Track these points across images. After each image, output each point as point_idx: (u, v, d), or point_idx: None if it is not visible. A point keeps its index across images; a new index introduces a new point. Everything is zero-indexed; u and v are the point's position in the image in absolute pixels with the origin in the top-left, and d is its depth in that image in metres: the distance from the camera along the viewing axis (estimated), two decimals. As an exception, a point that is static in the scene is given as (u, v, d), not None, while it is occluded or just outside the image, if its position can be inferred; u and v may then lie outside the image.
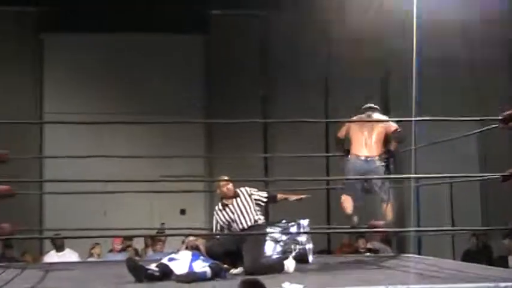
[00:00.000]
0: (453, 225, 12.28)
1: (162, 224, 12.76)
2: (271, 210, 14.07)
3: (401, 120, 8.48)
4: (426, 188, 11.09)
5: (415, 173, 9.13)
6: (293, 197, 7.74)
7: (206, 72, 15.27)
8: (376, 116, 8.58)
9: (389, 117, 8.80)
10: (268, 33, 15.40)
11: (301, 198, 7.70)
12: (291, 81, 15.02)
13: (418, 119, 8.52)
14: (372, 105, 8.65)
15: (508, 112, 6.49)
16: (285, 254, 7.81)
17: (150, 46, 14.96)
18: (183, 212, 14.75)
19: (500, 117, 6.61)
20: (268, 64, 15.38)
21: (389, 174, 8.35)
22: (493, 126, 7.07)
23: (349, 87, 14.50)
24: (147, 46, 14.96)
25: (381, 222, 8.42)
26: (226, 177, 7.63)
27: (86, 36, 14.76)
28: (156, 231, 11.86)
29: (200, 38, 15.22)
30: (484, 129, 7.90)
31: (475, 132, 9.38)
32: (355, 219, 8.33)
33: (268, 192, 7.65)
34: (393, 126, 8.34)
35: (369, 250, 11.46)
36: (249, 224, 7.44)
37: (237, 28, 15.08)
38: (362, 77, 14.64)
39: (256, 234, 7.39)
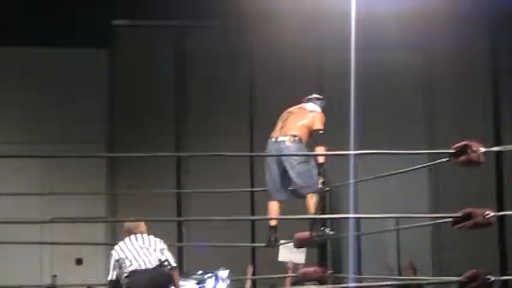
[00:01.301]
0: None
1: (54, 276, 12.60)
2: (185, 258, 14.17)
3: (339, 154, 8.50)
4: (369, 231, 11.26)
5: (354, 213, 9.25)
6: None
7: (109, 94, 15.09)
8: (309, 106, 8.63)
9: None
10: (183, 46, 15.39)
11: None
12: (212, 101, 14.97)
13: (357, 152, 8.63)
14: (316, 95, 8.76)
15: (458, 145, 6.56)
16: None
17: (41, 63, 14.66)
18: (79, 261, 14.47)
19: (450, 151, 6.69)
20: (185, 83, 15.42)
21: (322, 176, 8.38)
22: (444, 160, 7.12)
23: (278, 106, 14.61)
24: (39, 63, 14.67)
25: (312, 269, 8.53)
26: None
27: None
28: (45, 286, 11.72)
29: (102, 54, 14.97)
30: (434, 162, 7.98)
31: (423, 166, 9.50)
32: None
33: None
34: (317, 123, 8.33)
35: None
36: None
37: (146, 42, 14.95)
38: (294, 91, 14.75)
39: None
